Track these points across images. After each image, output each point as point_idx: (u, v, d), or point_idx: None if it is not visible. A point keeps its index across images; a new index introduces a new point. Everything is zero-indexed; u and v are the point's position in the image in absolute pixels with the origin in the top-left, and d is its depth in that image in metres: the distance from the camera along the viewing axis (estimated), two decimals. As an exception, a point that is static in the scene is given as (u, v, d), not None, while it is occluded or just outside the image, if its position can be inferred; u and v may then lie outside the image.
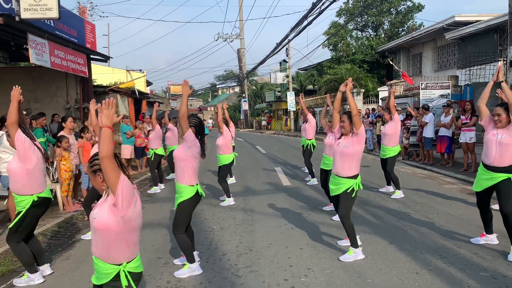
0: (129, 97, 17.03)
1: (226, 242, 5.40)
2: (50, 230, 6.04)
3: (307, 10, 14.03)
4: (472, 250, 4.72)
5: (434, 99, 14.43)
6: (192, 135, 4.30)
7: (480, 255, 4.54)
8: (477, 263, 4.34)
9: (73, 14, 12.89)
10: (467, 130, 9.67)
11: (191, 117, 4.38)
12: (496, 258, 4.46)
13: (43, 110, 9.59)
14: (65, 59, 10.19)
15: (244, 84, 43.23)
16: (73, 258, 5.07)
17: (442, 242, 5.01)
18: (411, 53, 24.86)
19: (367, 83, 25.10)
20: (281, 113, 38.42)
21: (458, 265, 4.31)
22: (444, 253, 4.67)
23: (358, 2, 29.21)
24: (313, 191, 8.54)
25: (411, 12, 28.67)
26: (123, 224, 2.49)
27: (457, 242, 5.00)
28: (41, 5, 7.92)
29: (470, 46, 17.93)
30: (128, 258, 2.60)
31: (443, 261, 4.45)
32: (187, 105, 4.36)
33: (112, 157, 2.42)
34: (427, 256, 4.58)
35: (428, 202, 7.13)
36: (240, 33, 39.17)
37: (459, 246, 4.85)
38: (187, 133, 4.25)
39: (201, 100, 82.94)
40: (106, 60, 15.33)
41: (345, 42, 29.34)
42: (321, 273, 4.28)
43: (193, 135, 4.31)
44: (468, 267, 4.26)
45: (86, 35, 12.79)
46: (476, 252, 4.63)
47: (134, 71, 24.36)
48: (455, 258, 4.50)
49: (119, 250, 2.55)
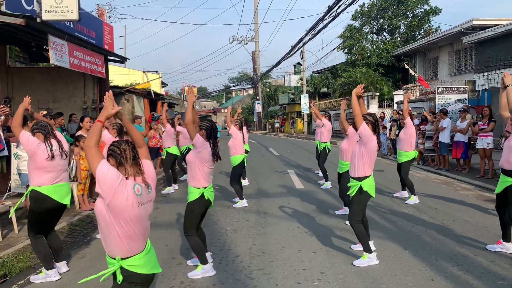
0: (144, 98, 17.20)
1: (239, 244, 5.42)
2: (67, 228, 6.15)
3: (323, 13, 14.01)
4: (489, 258, 4.65)
5: (450, 104, 14.23)
6: (200, 139, 4.32)
7: (497, 263, 4.46)
8: (494, 271, 4.27)
9: (92, 16, 13.11)
10: (484, 136, 9.52)
11: (202, 120, 4.38)
12: (514, 267, 4.38)
13: (61, 110, 9.78)
14: (84, 60, 10.36)
15: (258, 86, 43.27)
16: (89, 256, 5.14)
17: (458, 249, 4.94)
18: (427, 57, 24.56)
19: (382, 87, 24.88)
20: (294, 115, 38.35)
21: (475, 273, 4.25)
22: (460, 260, 4.61)
23: (374, 6, 29.01)
24: (326, 194, 8.50)
25: (428, 16, 28.36)
26: (110, 213, 2.51)
27: (474, 250, 4.93)
28: (62, 7, 8.07)
29: (488, 50, 17.63)
30: (122, 253, 2.60)
31: (459, 268, 4.39)
32: (192, 111, 4.38)
33: (95, 148, 2.55)
34: (442, 263, 4.52)
35: (443, 208, 7.03)
36: (255, 35, 39.26)
37: (475, 254, 4.78)
38: (195, 138, 4.29)
39: (215, 102, 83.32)
40: (123, 62, 15.53)
41: (360, 45, 29.16)
42: (334, 277, 4.26)
43: (201, 139, 4.33)
44: (485, 275, 4.19)
45: (104, 36, 12.99)
46: (493, 260, 4.56)
47: (150, 72, 24.61)
48: (472, 265, 4.44)
49: (112, 242, 2.57)
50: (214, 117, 55.80)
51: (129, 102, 15.43)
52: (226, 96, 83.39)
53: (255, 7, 38.70)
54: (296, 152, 18.20)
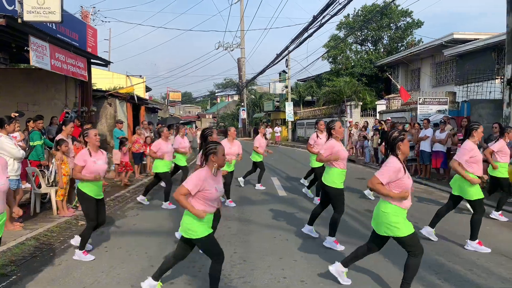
0: (127, 102, 17.02)
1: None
2: (43, 234, 5.99)
3: (308, 23, 14.15)
4: (467, 266, 4.71)
5: (431, 114, 14.51)
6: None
7: (474, 272, 4.53)
8: (471, 280, 4.33)
9: (75, 18, 12.94)
10: (464, 147, 9.70)
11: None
12: (491, 275, 4.46)
13: (41, 113, 9.55)
14: (65, 62, 10.19)
15: (243, 93, 43.36)
16: (65, 264, 5.01)
17: (436, 258, 5.00)
18: (410, 68, 25.04)
19: (365, 96, 25.23)
20: (279, 122, 38.53)
21: (453, 281, 4.30)
22: (438, 269, 4.67)
23: (358, 17, 29.51)
24: (308, 202, 8.52)
25: (411, 28, 29.00)
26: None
27: (452, 258, 5.00)
28: (44, 8, 7.94)
29: (468, 63, 18.08)
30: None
31: (437, 277, 4.44)
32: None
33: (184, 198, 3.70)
34: (421, 271, 4.54)
35: (423, 217, 7.11)
36: (241, 42, 39.40)
37: (454, 262, 4.85)
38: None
39: (199, 107, 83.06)
40: (107, 65, 15.34)
41: (345, 55, 29.58)
42: (314, 285, 4.26)
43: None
44: (463, 283, 4.24)
45: (87, 39, 12.83)
46: (470, 269, 4.63)
47: (133, 76, 24.39)
48: (450, 274, 4.49)
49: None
50: (199, 122, 55.57)
51: (111, 106, 15.24)
52: (211, 102, 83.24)
53: (241, 14, 38.90)
54: (279, 159, 18.23)
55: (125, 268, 4.80)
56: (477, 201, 5.39)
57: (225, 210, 7.85)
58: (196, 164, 5.37)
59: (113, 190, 9.90)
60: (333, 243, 5.46)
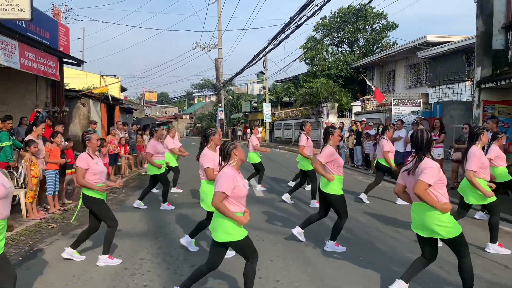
0: (101, 102, 16.70)
1: (195, 254, 5.32)
2: (11, 238, 5.79)
3: (285, 24, 14.21)
4: (437, 264, 4.80)
5: (405, 115, 14.82)
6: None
7: (444, 269, 4.64)
8: (442, 277, 4.44)
9: (46, 16, 12.60)
10: (436, 147, 9.95)
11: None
12: (460, 272, 4.58)
13: (11, 113, 9.24)
14: (36, 61, 9.90)
15: (220, 93, 43.17)
16: (34, 268, 4.86)
17: (410, 256, 5.08)
18: (385, 70, 25.53)
19: (341, 98, 25.54)
20: (257, 123, 38.60)
21: (424, 278, 4.39)
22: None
23: (334, 18, 29.88)
24: (285, 203, 8.54)
25: (386, 31, 29.57)
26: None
27: (424, 256, 5.09)
28: (13, 5, 7.69)
29: (440, 65, 18.59)
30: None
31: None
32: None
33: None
34: (395, 269, 4.64)
35: (396, 216, 7.26)
36: (218, 43, 39.17)
37: (425, 260, 4.94)
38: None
39: (176, 108, 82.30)
40: (80, 64, 14.99)
41: (321, 57, 29.87)
42: (289, 285, 4.27)
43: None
44: (433, 280, 4.34)
45: (59, 38, 12.51)
46: (440, 266, 4.73)
47: (108, 76, 23.92)
48: (421, 271, 4.57)
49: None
50: (175, 123, 55.02)
51: (85, 106, 14.92)
52: (188, 102, 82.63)
53: (219, 14, 38.70)
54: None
55: (97, 271, 4.69)
56: (491, 204, 5.31)
57: (201, 211, 7.79)
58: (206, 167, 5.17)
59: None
60: (334, 245, 5.42)
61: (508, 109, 10.21)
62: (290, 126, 30.80)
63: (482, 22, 10.08)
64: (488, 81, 9.82)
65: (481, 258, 5.09)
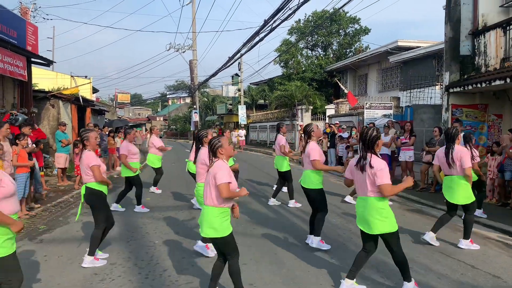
0: (72, 104, 16.25)
1: (168, 258, 5.24)
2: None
3: (259, 27, 14.24)
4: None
5: (377, 119, 15.10)
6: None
7: (414, 269, 4.74)
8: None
9: (13, 15, 12.17)
10: (407, 149, 10.19)
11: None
12: (429, 272, 4.69)
13: (-26, 114, 8.89)
14: (2, 60, 9.55)
15: (195, 95, 42.86)
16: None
17: (381, 257, 5.15)
18: (358, 74, 25.98)
19: (315, 101, 25.83)
20: (232, 125, 38.52)
21: (394, 279, 4.47)
22: (382, 267, 4.84)
23: (309, 22, 30.20)
24: (260, 205, 8.55)
25: (358, 35, 30.11)
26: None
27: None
28: (-23, 2, 7.40)
29: (411, 70, 19.06)
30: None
31: (380, 275, 4.60)
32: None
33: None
34: (366, 270, 4.71)
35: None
36: (193, 44, 38.88)
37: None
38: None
39: (150, 110, 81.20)
40: (49, 65, 14.53)
41: (296, 60, 30.13)
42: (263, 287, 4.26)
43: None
44: (402, 280, 4.41)
45: (27, 37, 12.10)
46: (410, 266, 4.81)
47: (79, 77, 23.32)
48: (391, 272, 4.66)
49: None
50: (149, 124, 54.23)
51: (54, 107, 14.48)
52: (162, 104, 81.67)
53: (193, 16, 38.43)
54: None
55: (65, 278, 4.55)
56: (471, 203, 5.57)
57: (175, 214, 7.70)
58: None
59: (56, 195, 9.39)
60: (320, 242, 5.52)
61: (475, 113, 10.57)
62: (266, 128, 30.87)
63: (450, 28, 10.40)
64: (456, 85, 10.14)
65: (449, 258, 5.23)
